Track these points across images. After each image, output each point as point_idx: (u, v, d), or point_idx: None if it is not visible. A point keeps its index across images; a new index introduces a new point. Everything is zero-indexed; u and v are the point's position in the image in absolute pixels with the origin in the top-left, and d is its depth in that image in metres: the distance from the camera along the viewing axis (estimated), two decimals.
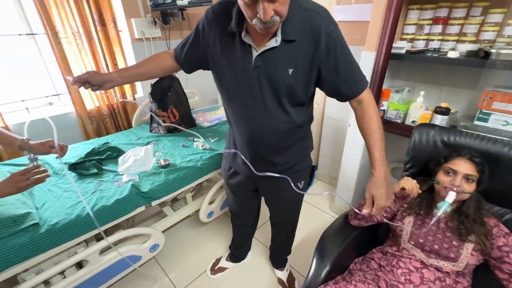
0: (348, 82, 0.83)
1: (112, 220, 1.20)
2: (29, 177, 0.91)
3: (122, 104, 2.19)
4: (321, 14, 0.76)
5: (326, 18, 0.77)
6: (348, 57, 0.81)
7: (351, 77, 0.83)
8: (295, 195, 1.06)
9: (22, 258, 0.99)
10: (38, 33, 1.83)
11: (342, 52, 0.79)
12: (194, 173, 1.48)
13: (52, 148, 1.06)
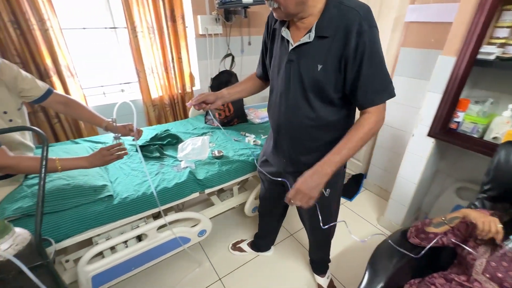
0: (367, 91, 0.79)
1: (171, 202, 1.29)
2: (113, 153, 1.03)
3: (181, 95, 2.34)
4: (359, 12, 0.73)
5: (364, 17, 0.73)
6: (375, 63, 0.77)
7: (371, 86, 0.79)
8: (320, 200, 0.98)
9: (98, 224, 1.12)
10: (119, 27, 2.06)
11: (370, 56, 0.75)
12: (245, 167, 1.52)
13: (131, 131, 1.19)
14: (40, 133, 0.84)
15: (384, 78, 0.79)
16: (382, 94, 0.80)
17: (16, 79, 1.06)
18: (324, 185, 0.83)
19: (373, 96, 0.80)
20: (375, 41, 0.75)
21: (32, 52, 1.63)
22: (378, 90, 0.79)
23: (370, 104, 0.81)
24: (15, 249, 0.79)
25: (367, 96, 0.80)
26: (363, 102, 0.82)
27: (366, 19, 0.73)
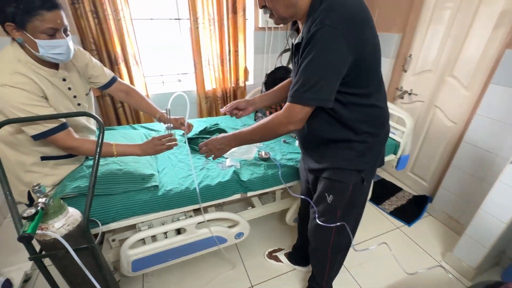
0: (293, 85, 0.80)
1: (212, 200, 1.26)
2: (164, 143, 1.04)
3: (234, 89, 2.31)
4: (323, 8, 0.73)
5: (323, 13, 0.72)
6: (308, 62, 0.75)
7: (294, 83, 0.79)
8: (322, 203, 1.05)
9: (142, 212, 1.14)
10: (183, 18, 2.10)
11: (308, 52, 0.74)
12: (293, 174, 1.40)
13: (182, 125, 1.19)
14: (98, 120, 0.85)
15: (305, 81, 0.76)
16: (293, 94, 0.79)
17: (87, 66, 1.12)
18: (223, 151, 1.03)
19: (290, 93, 0.80)
20: (320, 39, 0.71)
21: (106, 40, 1.76)
22: (294, 89, 0.79)
23: (289, 99, 0.81)
24: (66, 229, 0.82)
25: (291, 90, 0.81)
26: (289, 94, 0.82)
27: (324, 16, 0.71)
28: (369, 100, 0.87)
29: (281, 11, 0.81)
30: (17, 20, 0.80)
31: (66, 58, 0.93)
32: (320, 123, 0.92)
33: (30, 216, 0.69)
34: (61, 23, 0.86)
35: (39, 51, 0.86)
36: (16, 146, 0.99)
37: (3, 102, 0.84)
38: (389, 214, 1.98)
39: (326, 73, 0.75)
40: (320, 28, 0.70)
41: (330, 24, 0.70)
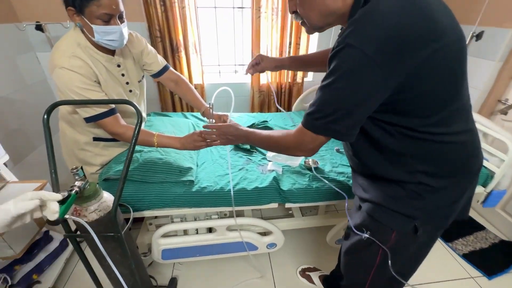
0: (309, 106, 0.66)
1: (246, 205, 1.16)
2: (204, 140, 1.00)
3: (290, 84, 2.15)
4: (359, 20, 0.55)
5: (358, 26, 0.55)
6: (333, 86, 0.59)
7: (313, 103, 0.64)
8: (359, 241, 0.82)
9: (175, 205, 1.13)
10: (246, 7, 2.02)
11: (332, 74, 0.58)
12: (342, 191, 1.19)
13: (224, 123, 1.11)
14: (137, 110, 0.83)
15: (320, 107, 0.63)
16: (305, 118, 0.67)
17: (142, 52, 1.13)
18: (230, 143, 0.97)
19: (305, 113, 0.68)
20: (343, 64, 0.57)
21: (170, 28, 1.80)
22: (308, 111, 0.66)
23: (302, 122, 0.69)
24: (98, 214, 0.83)
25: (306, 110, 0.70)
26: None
27: (350, 31, 0.56)
28: (431, 133, 0.63)
29: (315, 20, 0.67)
30: (77, 4, 0.82)
31: (119, 45, 0.93)
32: (361, 149, 0.72)
33: (63, 199, 0.70)
34: (116, 9, 0.86)
35: (94, 37, 0.88)
36: (73, 125, 1.06)
37: (61, 83, 0.89)
38: (462, 257, 1.58)
39: (347, 104, 0.59)
40: (342, 48, 0.55)
41: (354, 44, 0.53)
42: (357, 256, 0.87)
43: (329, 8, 0.63)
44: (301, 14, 0.68)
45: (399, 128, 0.64)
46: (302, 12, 0.67)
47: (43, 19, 1.59)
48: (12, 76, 1.61)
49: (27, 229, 1.18)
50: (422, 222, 0.71)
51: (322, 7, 0.63)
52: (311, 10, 0.65)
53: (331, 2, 0.62)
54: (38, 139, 1.78)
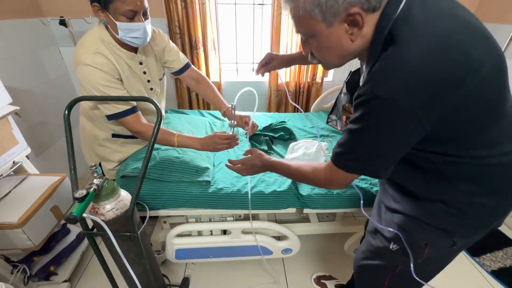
0: (338, 145, 0.64)
1: (263, 209, 1.13)
2: (225, 142, 0.98)
3: (309, 84, 2.09)
4: (380, 74, 0.51)
5: (380, 82, 0.51)
6: (363, 132, 0.56)
7: (342, 143, 0.62)
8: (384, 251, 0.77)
9: (191, 206, 1.11)
10: (266, 3, 1.97)
11: (360, 120, 0.55)
12: (364, 197, 1.13)
13: (246, 124, 1.09)
14: (158, 108, 0.80)
15: (350, 149, 0.61)
16: (336, 158, 0.64)
17: (164, 50, 1.11)
18: (255, 173, 0.91)
19: (333, 152, 0.65)
20: (372, 113, 0.53)
21: (189, 25, 1.78)
22: (337, 151, 0.64)
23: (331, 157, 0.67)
24: (115, 213, 0.82)
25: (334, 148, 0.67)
26: None
27: (376, 81, 0.51)
28: (476, 157, 0.58)
29: (333, 62, 0.64)
30: (102, 0, 0.81)
31: (142, 42, 0.92)
32: (398, 171, 0.66)
33: (81, 197, 0.69)
34: (141, 6, 0.84)
35: (118, 34, 0.86)
36: (93, 120, 1.05)
37: (84, 80, 0.88)
38: (490, 274, 1.47)
39: (381, 150, 0.57)
40: (371, 99, 0.51)
41: (384, 96, 0.49)
42: (376, 263, 0.82)
43: (347, 50, 0.58)
44: (317, 57, 0.64)
45: (440, 156, 0.59)
46: (319, 56, 0.63)
47: (66, 14, 1.61)
48: (36, 70, 1.64)
49: (46, 221, 1.19)
50: (461, 236, 0.67)
51: (339, 50, 0.59)
52: (328, 54, 0.61)
53: (349, 44, 0.57)
54: (59, 132, 1.82)
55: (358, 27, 0.53)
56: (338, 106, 1.60)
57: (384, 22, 0.52)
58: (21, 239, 1.08)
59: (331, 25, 0.53)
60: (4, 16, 1.42)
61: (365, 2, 0.49)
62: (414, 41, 0.48)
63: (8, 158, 1.14)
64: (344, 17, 0.51)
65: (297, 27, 0.59)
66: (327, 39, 0.56)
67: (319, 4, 0.50)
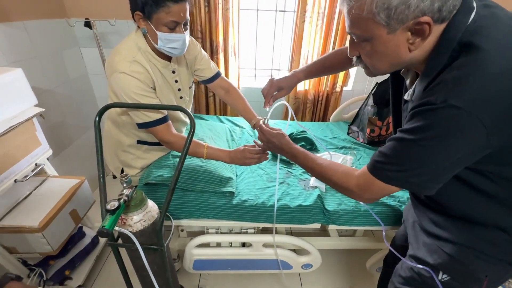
0: (380, 153, 0.60)
1: (287, 223, 1.09)
2: (255, 158, 0.96)
3: (328, 93, 2.05)
4: (462, 76, 0.47)
5: (462, 83, 0.46)
6: (418, 146, 0.52)
7: (385, 153, 0.58)
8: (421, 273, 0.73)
9: (213, 217, 1.08)
10: (289, 10, 1.95)
11: (419, 132, 0.51)
12: (393, 216, 1.09)
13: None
14: (191, 118, 0.78)
15: (397, 160, 0.56)
16: (375, 166, 0.59)
17: (196, 58, 1.09)
18: (276, 152, 0.87)
19: (372, 159, 0.61)
20: (439, 124, 0.49)
21: (211, 30, 1.77)
22: (378, 159, 0.59)
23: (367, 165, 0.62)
24: (142, 224, 0.79)
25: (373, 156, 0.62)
26: None
27: (451, 88, 0.47)
28: None
29: (383, 69, 0.59)
30: (146, 10, 0.80)
31: (179, 53, 0.90)
32: (447, 190, 0.61)
33: (112, 210, 0.67)
34: (183, 17, 0.83)
35: (157, 43, 0.85)
36: (119, 126, 1.04)
37: (118, 87, 0.87)
38: None
39: (434, 163, 0.52)
40: (441, 108, 0.47)
41: (461, 106, 0.45)
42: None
43: (402, 59, 0.55)
44: (366, 62, 0.59)
45: (501, 180, 0.55)
46: (369, 61, 0.59)
47: (91, 16, 1.61)
48: (58, 71, 1.64)
49: (65, 226, 1.18)
50: None
51: (394, 58, 0.55)
52: (380, 61, 0.57)
53: (406, 53, 0.53)
54: (77, 133, 1.81)
55: (422, 37, 0.50)
56: (362, 118, 1.56)
57: (453, 33, 0.49)
58: (41, 243, 1.07)
59: (393, 32, 0.50)
60: (31, 16, 1.42)
61: (436, 11, 0.46)
62: (497, 52, 0.45)
63: (31, 159, 1.13)
64: (410, 25, 0.48)
65: (352, 27, 0.54)
66: (383, 45, 0.53)
67: (389, 7, 0.47)
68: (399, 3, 0.46)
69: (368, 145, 1.54)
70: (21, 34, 1.37)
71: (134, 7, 0.82)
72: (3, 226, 1.02)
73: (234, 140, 1.48)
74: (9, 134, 1.00)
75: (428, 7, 0.46)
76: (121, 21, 1.66)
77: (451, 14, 0.48)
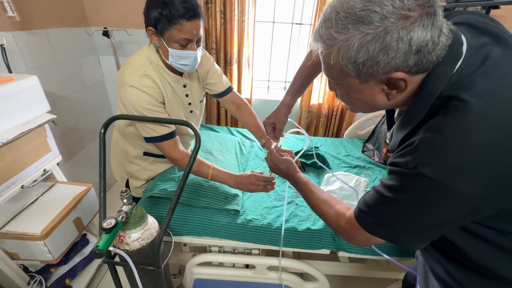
0: (363, 203, 0.56)
1: (294, 247, 1.03)
2: (261, 185, 0.92)
3: (343, 107, 1.99)
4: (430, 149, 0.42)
5: (429, 158, 0.42)
6: (398, 206, 0.48)
7: (368, 204, 0.54)
8: None
9: (217, 235, 1.03)
10: (305, 23, 1.92)
11: (397, 191, 0.47)
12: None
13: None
14: (197, 134, 0.75)
15: (380, 217, 0.52)
16: (360, 216, 0.56)
17: (208, 72, 1.07)
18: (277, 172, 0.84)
19: (357, 207, 0.57)
20: (414, 192, 0.45)
21: (226, 41, 1.77)
22: (363, 209, 0.55)
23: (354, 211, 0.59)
24: (140, 243, 0.75)
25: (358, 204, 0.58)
26: None
27: (422, 159, 0.43)
28: None
29: (361, 111, 0.56)
30: (158, 26, 0.79)
31: (190, 69, 0.89)
32: (471, 242, 0.52)
33: (109, 228, 0.64)
34: (196, 34, 0.81)
35: (168, 59, 0.84)
36: (127, 136, 1.02)
37: (127, 100, 0.86)
38: None
39: (414, 225, 0.49)
40: (411, 175, 0.44)
41: (432, 177, 0.41)
42: None
43: (380, 106, 0.51)
44: (344, 101, 0.56)
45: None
46: (347, 103, 0.56)
47: (109, 25, 1.65)
48: (75, 77, 1.68)
49: (68, 234, 1.16)
50: None
51: (371, 104, 0.51)
52: (357, 104, 0.53)
53: (384, 101, 0.49)
54: (89, 139, 1.84)
55: (398, 90, 0.45)
56: (378, 136, 1.48)
57: (434, 84, 0.44)
58: (42, 251, 1.05)
59: (365, 82, 0.46)
60: (53, 24, 1.47)
61: (413, 66, 0.41)
62: (482, 116, 0.39)
63: (39, 165, 1.13)
64: (383, 78, 0.44)
65: (324, 71, 0.51)
66: (358, 93, 0.49)
67: (355, 62, 0.43)
68: (366, 60, 0.42)
69: (384, 165, 1.46)
70: (42, 42, 1.41)
71: (147, 22, 0.81)
72: (6, 231, 1.02)
73: (243, 154, 1.44)
74: (19, 140, 1.01)
75: (401, 63, 0.41)
76: (139, 31, 1.69)
77: (433, 65, 0.43)
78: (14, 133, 0.99)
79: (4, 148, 0.95)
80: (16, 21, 1.23)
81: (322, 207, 0.69)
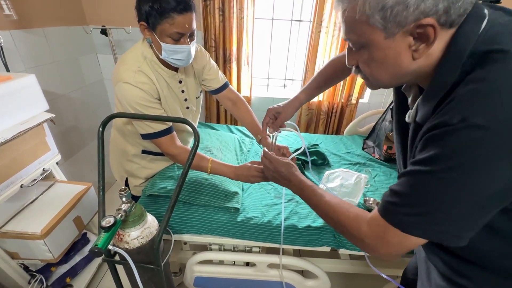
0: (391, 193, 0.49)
1: (294, 244, 1.02)
2: (261, 175, 0.91)
3: (343, 105, 1.98)
4: (486, 91, 0.38)
5: (477, 107, 0.38)
6: (438, 183, 0.42)
7: (397, 191, 0.47)
8: None
9: (217, 233, 1.03)
10: (304, 20, 1.91)
11: (436, 163, 0.41)
12: None
13: (284, 157, 0.99)
14: (195, 131, 0.74)
15: (414, 201, 0.44)
16: (388, 208, 0.48)
17: (204, 68, 1.06)
18: (276, 180, 0.78)
19: (383, 203, 0.49)
20: (461, 152, 0.38)
21: (225, 38, 1.76)
22: (390, 201, 0.47)
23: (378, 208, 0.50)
24: (140, 241, 0.75)
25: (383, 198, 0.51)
26: None
27: (471, 110, 0.38)
28: None
29: (384, 81, 0.51)
30: (150, 21, 0.78)
31: (184, 64, 0.88)
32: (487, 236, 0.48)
33: (108, 226, 0.63)
34: (188, 28, 0.80)
35: (162, 54, 0.83)
36: (125, 135, 1.02)
37: (123, 97, 0.85)
38: None
39: (463, 202, 0.41)
40: (460, 129, 0.38)
41: (487, 125, 0.36)
42: None
43: (405, 70, 0.47)
44: (365, 72, 0.52)
45: None
46: (368, 72, 0.51)
47: (107, 23, 1.65)
48: (74, 76, 1.67)
49: (68, 233, 1.16)
50: None
51: (395, 68, 0.47)
52: (380, 71, 0.49)
53: (409, 62, 0.45)
54: (89, 137, 1.84)
55: (427, 43, 0.42)
56: (378, 133, 1.48)
57: (463, 40, 0.41)
58: (42, 250, 1.05)
59: (391, 36, 0.43)
60: (51, 23, 1.46)
61: (442, 13, 0.39)
62: None
63: (38, 165, 1.13)
64: (411, 29, 0.41)
65: (347, 32, 0.48)
66: (382, 52, 0.46)
67: (383, 8, 0.40)
68: (395, 3, 0.39)
69: (385, 162, 1.45)
70: (40, 40, 1.41)
71: (139, 17, 0.80)
72: (6, 231, 1.02)
73: (242, 152, 1.43)
74: (18, 139, 1.00)
75: (430, 7, 0.39)
76: (137, 29, 1.66)
77: (462, 19, 0.41)
78: (12, 132, 0.98)
79: (2, 148, 0.95)
80: (13, 19, 1.22)
81: (336, 212, 0.58)
